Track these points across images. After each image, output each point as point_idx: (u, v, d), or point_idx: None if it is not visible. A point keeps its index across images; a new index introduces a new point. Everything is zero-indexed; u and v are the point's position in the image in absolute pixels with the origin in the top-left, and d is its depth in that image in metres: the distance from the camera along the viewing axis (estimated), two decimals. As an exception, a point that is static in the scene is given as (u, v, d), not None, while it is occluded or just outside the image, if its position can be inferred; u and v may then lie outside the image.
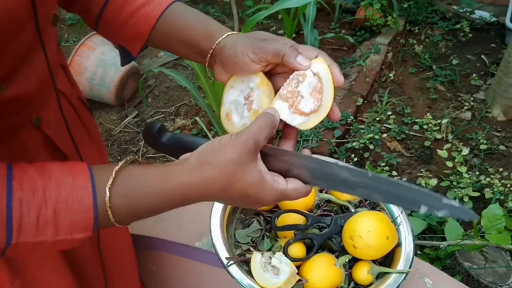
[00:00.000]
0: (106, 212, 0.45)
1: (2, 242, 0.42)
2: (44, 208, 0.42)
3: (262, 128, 0.48)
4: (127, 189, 0.46)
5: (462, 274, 1.57)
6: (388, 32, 3.32)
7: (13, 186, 0.42)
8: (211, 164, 0.46)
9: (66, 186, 0.43)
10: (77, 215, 0.44)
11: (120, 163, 0.47)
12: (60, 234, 0.43)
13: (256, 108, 0.56)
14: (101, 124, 2.58)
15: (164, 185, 0.47)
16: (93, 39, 2.55)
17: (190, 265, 1.00)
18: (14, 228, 0.41)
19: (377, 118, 2.56)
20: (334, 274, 0.75)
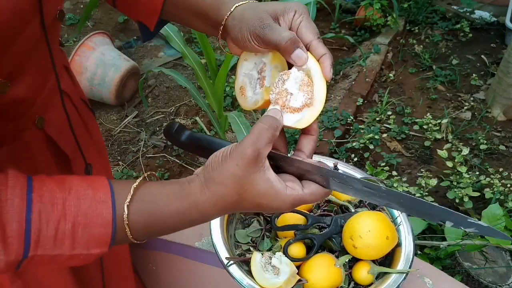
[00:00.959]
0: (123, 228, 0.45)
1: (19, 255, 0.41)
2: (63, 221, 0.42)
3: (261, 134, 0.46)
4: (145, 208, 0.46)
5: (462, 274, 1.57)
6: (388, 32, 3.32)
7: (33, 198, 0.41)
8: (216, 181, 0.46)
9: (86, 200, 0.43)
10: (95, 229, 0.43)
11: (138, 180, 0.47)
12: (76, 248, 0.43)
13: (267, 85, 0.54)
14: (101, 124, 2.58)
15: (180, 205, 0.47)
16: (93, 39, 2.55)
17: (190, 265, 1.00)
18: (32, 240, 0.41)
19: (377, 118, 2.56)
20: (334, 274, 0.75)
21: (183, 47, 2.08)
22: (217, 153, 0.47)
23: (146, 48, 3.23)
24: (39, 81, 0.57)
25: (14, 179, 0.42)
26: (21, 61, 0.51)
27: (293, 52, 0.51)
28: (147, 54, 3.16)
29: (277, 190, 0.46)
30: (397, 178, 2.02)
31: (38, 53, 0.55)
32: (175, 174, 2.25)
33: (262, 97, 0.55)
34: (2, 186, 0.41)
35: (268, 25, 0.51)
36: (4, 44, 0.46)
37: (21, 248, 0.41)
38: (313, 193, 0.49)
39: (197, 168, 2.09)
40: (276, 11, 0.53)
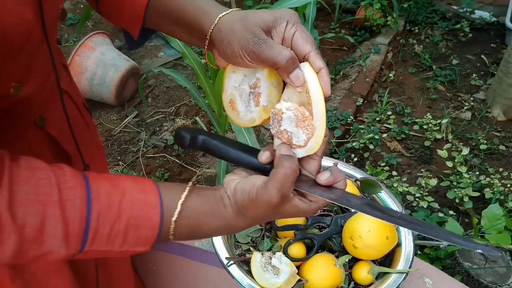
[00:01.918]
0: (167, 237, 0.49)
1: (76, 250, 0.45)
2: (117, 223, 0.45)
3: (285, 181, 0.49)
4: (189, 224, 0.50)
5: (462, 274, 1.57)
6: (388, 32, 3.32)
7: (92, 199, 0.44)
8: (246, 216, 0.51)
9: (138, 204, 0.47)
10: (144, 231, 0.47)
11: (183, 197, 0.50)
12: (125, 246, 0.47)
13: (264, 104, 0.53)
14: (101, 124, 2.58)
15: (218, 225, 0.52)
16: (93, 39, 2.55)
17: (190, 265, 1.00)
18: (89, 238, 0.44)
19: (377, 118, 2.56)
20: (334, 274, 0.75)
21: (183, 47, 2.08)
22: (245, 188, 0.50)
23: (146, 48, 3.23)
24: (40, 80, 0.57)
25: (73, 178, 0.45)
26: (28, 64, 0.52)
27: (292, 72, 0.49)
28: (147, 54, 3.16)
29: (303, 209, 0.51)
30: (397, 178, 2.02)
31: (40, 54, 0.55)
32: (175, 174, 2.25)
33: (260, 116, 0.54)
34: (62, 185, 0.44)
35: (265, 41, 0.49)
36: (15, 52, 0.47)
37: (79, 244, 0.44)
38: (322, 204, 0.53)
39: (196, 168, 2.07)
40: (267, 23, 0.51)
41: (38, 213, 0.42)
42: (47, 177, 0.43)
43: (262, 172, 0.53)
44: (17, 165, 0.43)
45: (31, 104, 0.56)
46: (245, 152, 0.54)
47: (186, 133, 0.53)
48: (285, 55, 0.48)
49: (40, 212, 0.42)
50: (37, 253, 0.43)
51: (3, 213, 0.40)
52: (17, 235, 0.41)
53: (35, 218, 0.42)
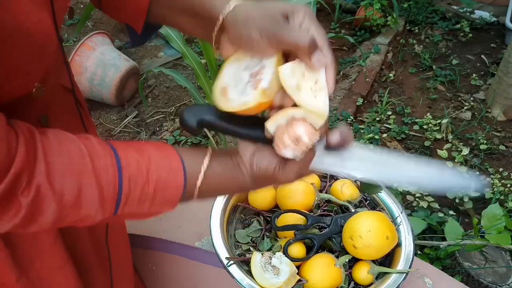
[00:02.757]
0: (191, 197, 0.54)
1: (111, 213, 0.48)
2: (146, 186, 0.49)
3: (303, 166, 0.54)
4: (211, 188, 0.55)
5: (462, 274, 1.57)
6: (388, 32, 3.32)
7: (122, 167, 0.48)
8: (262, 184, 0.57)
9: (164, 169, 0.50)
10: (170, 192, 0.51)
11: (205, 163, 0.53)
12: (153, 207, 0.51)
13: (264, 86, 0.50)
14: (101, 124, 2.58)
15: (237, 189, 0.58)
16: (93, 39, 2.55)
17: (190, 265, 1.00)
18: (122, 202, 0.48)
19: (377, 118, 2.56)
20: (334, 274, 0.75)
21: (183, 47, 2.08)
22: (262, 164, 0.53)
23: (146, 48, 3.23)
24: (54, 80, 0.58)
25: (102, 148, 0.48)
26: (48, 63, 0.53)
27: (314, 54, 0.49)
28: (147, 54, 3.16)
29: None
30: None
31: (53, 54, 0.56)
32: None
33: (256, 99, 0.50)
34: (94, 155, 0.46)
35: (286, 24, 0.50)
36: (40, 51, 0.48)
37: (113, 208, 0.48)
38: None
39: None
40: (286, 11, 0.51)
41: (74, 182, 0.45)
42: (78, 148, 0.46)
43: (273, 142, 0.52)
44: (47, 137, 0.45)
45: (36, 103, 0.57)
46: (253, 127, 0.53)
47: (192, 118, 0.53)
48: (308, 38, 0.48)
49: (76, 181, 0.45)
50: (75, 217, 0.47)
51: (42, 184, 0.42)
52: (57, 203, 0.44)
53: (73, 186, 0.44)
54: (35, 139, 0.44)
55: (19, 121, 0.44)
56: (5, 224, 0.43)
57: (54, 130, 0.47)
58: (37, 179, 0.42)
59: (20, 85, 0.49)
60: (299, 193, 0.84)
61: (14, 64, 0.46)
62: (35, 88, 0.51)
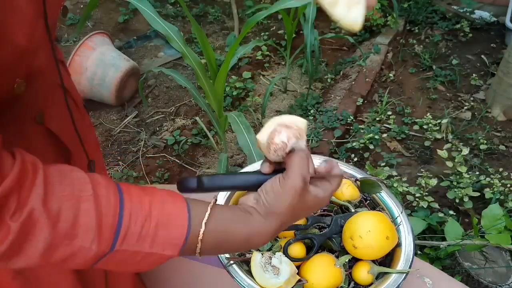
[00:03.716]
0: (195, 243, 0.50)
1: (108, 247, 0.45)
2: (148, 220, 0.46)
3: (303, 163, 0.52)
4: (218, 229, 0.51)
5: (462, 274, 1.57)
6: (388, 32, 3.32)
7: (124, 198, 0.46)
8: (276, 213, 0.53)
9: (168, 204, 0.49)
10: (173, 230, 0.48)
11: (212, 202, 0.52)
12: (154, 247, 0.47)
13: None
14: (101, 124, 2.58)
15: (247, 233, 0.52)
16: (93, 39, 2.55)
17: (190, 265, 1.00)
18: (121, 235, 0.45)
19: (377, 118, 2.56)
20: (334, 274, 0.75)
21: (183, 47, 2.08)
22: (267, 188, 0.53)
23: (146, 48, 3.23)
24: (43, 77, 0.58)
25: (105, 180, 0.47)
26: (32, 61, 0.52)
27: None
28: (147, 54, 3.16)
29: (321, 199, 0.55)
30: (397, 178, 2.02)
31: (43, 50, 0.56)
32: (175, 174, 2.25)
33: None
34: (97, 184, 0.45)
35: None
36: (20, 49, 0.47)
37: (110, 240, 0.45)
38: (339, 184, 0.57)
39: (196, 168, 2.06)
40: None
41: (73, 207, 0.43)
42: (82, 177, 0.45)
43: None
44: (51, 169, 0.44)
45: (31, 101, 0.57)
46: (249, 175, 0.56)
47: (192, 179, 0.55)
48: None
49: (74, 206, 0.43)
50: (67, 250, 0.43)
51: (37, 208, 0.41)
52: (50, 228, 0.41)
53: (70, 212, 0.43)
54: (37, 167, 0.43)
55: (25, 152, 0.44)
56: None
57: (60, 164, 0.46)
58: (31, 203, 0.41)
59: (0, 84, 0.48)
60: (299, 193, 0.84)
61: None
62: (16, 84, 0.50)
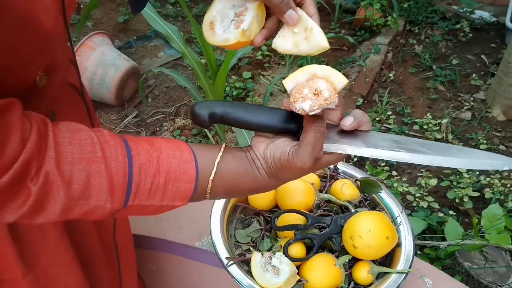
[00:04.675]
0: (204, 192, 0.52)
1: (121, 204, 0.47)
2: (157, 176, 0.48)
3: (316, 144, 0.51)
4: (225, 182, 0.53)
5: (462, 274, 1.57)
6: (388, 32, 3.32)
7: (133, 156, 0.47)
8: (279, 178, 0.55)
9: (175, 159, 0.50)
10: (182, 184, 0.50)
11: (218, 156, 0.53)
12: (164, 200, 0.50)
13: (245, 28, 0.56)
14: (101, 124, 2.58)
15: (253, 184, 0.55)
16: (93, 39, 2.55)
17: (190, 265, 1.00)
18: (132, 192, 0.47)
19: (377, 118, 2.56)
20: (334, 274, 0.75)
21: (183, 47, 2.08)
22: (276, 154, 0.53)
23: (146, 48, 3.23)
24: (61, 74, 0.58)
25: (112, 138, 0.47)
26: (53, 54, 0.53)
27: (286, 12, 0.54)
28: (147, 54, 3.16)
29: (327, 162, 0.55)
30: (397, 178, 2.02)
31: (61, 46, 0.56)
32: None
33: (236, 37, 0.56)
34: (105, 144, 0.46)
35: None
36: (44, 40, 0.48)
37: (123, 197, 0.47)
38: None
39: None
40: None
41: (84, 169, 0.44)
42: (89, 137, 0.46)
43: (286, 133, 0.55)
44: (59, 127, 0.45)
45: (44, 98, 0.57)
46: (266, 117, 0.55)
47: (203, 111, 0.54)
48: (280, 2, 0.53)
49: (85, 168, 0.44)
50: (84, 208, 0.45)
51: (51, 171, 0.42)
52: (65, 191, 0.43)
53: (82, 174, 0.44)
54: (47, 129, 0.44)
55: (32, 112, 0.45)
56: (13, 213, 0.43)
57: (67, 122, 0.47)
58: (46, 165, 0.42)
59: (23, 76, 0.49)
60: (299, 193, 0.84)
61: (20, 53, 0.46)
62: (39, 76, 0.50)
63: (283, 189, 0.86)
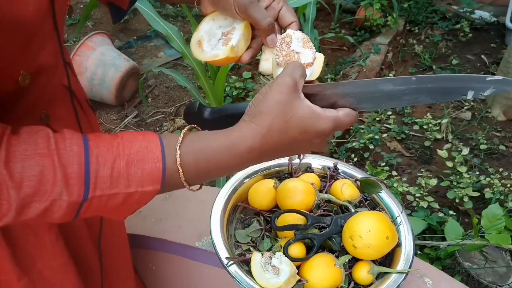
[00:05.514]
0: (176, 170, 0.48)
1: (80, 195, 0.44)
2: (118, 160, 0.45)
3: (295, 68, 0.51)
4: (195, 146, 0.49)
5: (462, 274, 1.57)
6: (388, 32, 3.32)
7: (90, 145, 0.45)
8: (262, 113, 0.49)
9: (137, 141, 0.47)
10: (147, 165, 0.46)
11: (186, 128, 0.51)
12: (131, 186, 0.46)
13: (233, 44, 0.59)
14: (101, 124, 2.58)
15: (227, 138, 0.49)
16: (93, 39, 2.55)
17: (190, 265, 1.00)
18: (91, 181, 0.44)
19: (377, 118, 2.56)
20: (334, 274, 0.75)
21: (183, 47, 2.08)
22: (256, 95, 0.51)
23: (146, 48, 3.23)
24: (49, 76, 0.58)
25: (70, 133, 0.46)
26: (38, 54, 0.52)
27: (269, 35, 0.58)
28: (147, 54, 3.16)
29: (318, 113, 0.51)
30: (397, 178, 2.02)
31: (50, 47, 0.56)
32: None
33: (225, 53, 0.59)
34: (60, 139, 0.45)
35: (255, 2, 0.57)
36: (28, 39, 0.48)
37: (81, 188, 0.44)
38: (347, 114, 0.53)
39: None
40: None
41: (37, 164, 0.43)
42: (46, 135, 0.45)
43: None
44: (19, 132, 0.44)
45: (37, 101, 0.57)
46: None
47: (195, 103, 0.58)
48: (268, 20, 0.57)
49: (38, 163, 0.43)
50: (41, 206, 0.43)
51: (0, 171, 0.41)
52: (16, 190, 0.42)
53: (34, 169, 0.42)
54: (4, 133, 0.43)
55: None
56: None
57: (33, 126, 0.46)
58: None
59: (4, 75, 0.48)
60: (299, 193, 0.84)
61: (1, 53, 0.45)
62: (21, 76, 0.50)
63: (283, 189, 0.86)
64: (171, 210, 1.05)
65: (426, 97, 0.52)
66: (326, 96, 0.54)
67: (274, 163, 0.93)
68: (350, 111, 0.54)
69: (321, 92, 0.54)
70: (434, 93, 0.51)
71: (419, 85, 0.51)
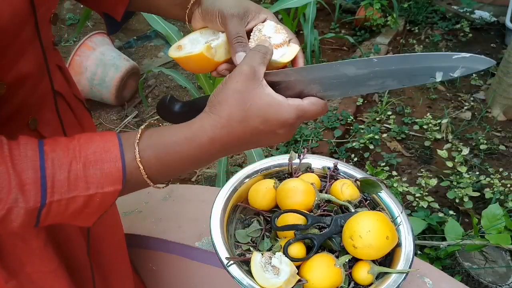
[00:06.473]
0: (137, 167, 0.46)
1: (37, 201, 0.43)
2: (74, 163, 0.44)
3: (253, 55, 0.51)
4: (154, 141, 0.48)
5: (462, 274, 1.57)
6: (388, 32, 3.32)
7: (45, 149, 0.44)
8: (221, 103, 0.48)
9: (94, 142, 0.45)
10: (105, 165, 0.45)
11: (144, 125, 0.49)
12: (91, 188, 0.44)
13: (212, 45, 0.59)
14: (101, 124, 2.58)
15: (187, 131, 0.48)
16: (93, 39, 2.55)
17: (190, 265, 1.00)
18: (48, 186, 0.43)
19: (377, 118, 2.56)
20: (334, 274, 0.75)
21: (183, 47, 2.07)
22: (219, 85, 0.50)
23: (146, 48, 3.23)
24: (31, 82, 0.57)
25: (25, 139, 0.44)
26: (17, 61, 0.51)
27: (236, 53, 0.56)
28: (147, 54, 3.16)
29: (279, 101, 0.49)
30: (397, 178, 2.02)
31: (32, 53, 0.55)
32: (175, 174, 2.25)
33: (200, 49, 0.58)
34: (14, 145, 0.43)
35: (232, 16, 0.57)
36: (2, 46, 0.46)
37: (38, 194, 0.43)
38: (313, 103, 0.51)
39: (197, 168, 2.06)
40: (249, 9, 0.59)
41: None
42: (3, 143, 0.43)
43: None
44: None
45: (24, 106, 0.56)
46: None
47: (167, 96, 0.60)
48: (236, 39, 0.56)
49: None
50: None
51: None
52: None
53: None
54: None
55: None
56: None
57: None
58: None
59: None
60: (299, 193, 0.84)
61: None
62: None
63: (283, 189, 0.86)
64: (171, 210, 1.05)
65: (393, 81, 0.49)
66: (291, 83, 0.52)
67: (274, 163, 0.93)
68: (317, 100, 0.51)
69: (285, 79, 0.52)
70: (401, 76, 0.48)
71: (382, 67, 0.48)
